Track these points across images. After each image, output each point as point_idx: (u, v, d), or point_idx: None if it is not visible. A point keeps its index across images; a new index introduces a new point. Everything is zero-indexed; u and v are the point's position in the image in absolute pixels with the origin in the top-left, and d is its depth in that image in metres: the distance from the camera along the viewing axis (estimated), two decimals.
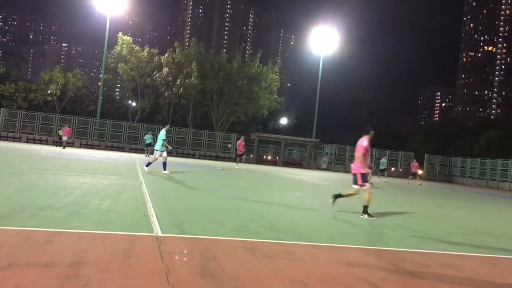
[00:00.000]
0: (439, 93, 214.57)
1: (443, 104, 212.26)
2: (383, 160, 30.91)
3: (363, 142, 8.68)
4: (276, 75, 54.85)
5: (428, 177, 49.05)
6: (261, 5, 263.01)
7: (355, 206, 9.57)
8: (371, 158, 49.89)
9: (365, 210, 8.63)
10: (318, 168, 46.40)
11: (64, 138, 34.11)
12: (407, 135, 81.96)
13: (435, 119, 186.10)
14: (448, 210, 13.61)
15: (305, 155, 49.79)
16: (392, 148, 52.92)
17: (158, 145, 15.28)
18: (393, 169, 51.64)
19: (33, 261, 3.63)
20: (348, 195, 8.94)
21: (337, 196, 8.92)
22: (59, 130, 42.51)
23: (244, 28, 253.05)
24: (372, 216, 8.47)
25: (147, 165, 15.23)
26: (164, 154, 15.21)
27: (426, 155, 51.95)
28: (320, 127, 54.71)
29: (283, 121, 78.02)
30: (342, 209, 9.29)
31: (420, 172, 51.73)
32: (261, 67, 53.48)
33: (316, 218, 8.22)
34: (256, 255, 4.63)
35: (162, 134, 15.24)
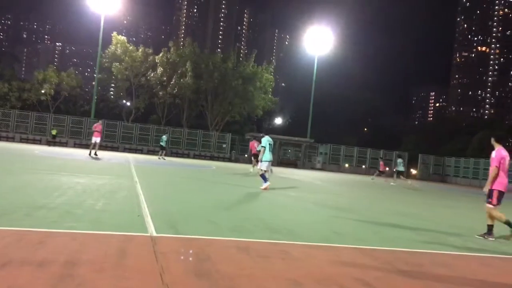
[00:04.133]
0: (433, 93, 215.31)
1: (437, 104, 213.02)
2: (400, 161, 29.14)
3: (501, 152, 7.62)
4: (271, 75, 54.94)
5: (422, 177, 49.25)
6: (256, 5, 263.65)
7: (349, 206, 9.60)
8: (367, 159, 49.82)
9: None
10: (313, 168, 46.48)
11: (96, 139, 22.89)
12: (401, 135, 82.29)
13: (429, 119, 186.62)
14: (442, 209, 13.68)
15: (300, 155, 49.85)
16: (386, 148, 53.08)
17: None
18: (387, 168, 51.76)
19: (26, 261, 3.61)
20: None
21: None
22: (52, 129, 42.37)
23: (239, 28, 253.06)
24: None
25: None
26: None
27: (420, 155, 52.16)
28: (315, 127, 54.78)
29: (278, 121, 78.10)
30: (336, 209, 9.31)
31: (414, 172, 51.98)
32: (256, 67, 53.55)
33: (311, 218, 8.23)
34: (250, 255, 4.63)
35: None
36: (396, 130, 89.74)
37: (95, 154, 22.93)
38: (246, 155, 48.58)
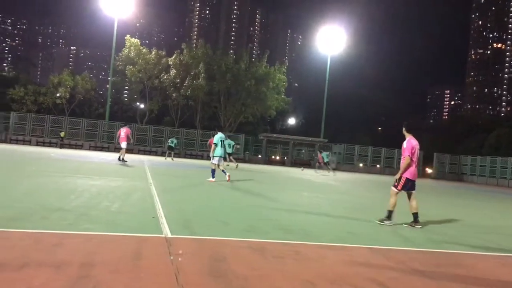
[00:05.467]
0: (448, 91, 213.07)
1: (452, 102, 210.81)
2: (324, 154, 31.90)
3: None
4: (284, 75, 54.82)
5: (437, 176, 48.72)
6: (268, 5, 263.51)
7: (363, 206, 9.54)
8: (381, 157, 49.47)
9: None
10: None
11: (123, 144, 21.95)
12: (416, 133, 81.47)
13: (444, 117, 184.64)
14: (458, 208, 13.53)
15: (314, 155, 49.70)
16: (400, 147, 52.63)
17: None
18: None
19: (44, 263, 3.67)
20: None
21: None
22: (60, 131, 42.93)
23: (251, 28, 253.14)
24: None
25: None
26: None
27: (435, 153, 51.60)
28: (328, 126, 54.60)
29: (291, 121, 77.90)
30: (350, 209, 9.27)
31: (429, 171, 51.47)
32: (268, 67, 53.49)
33: (324, 218, 8.20)
34: (264, 256, 4.63)
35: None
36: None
37: (122, 159, 22.20)
38: (259, 156, 48.62)
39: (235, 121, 54.70)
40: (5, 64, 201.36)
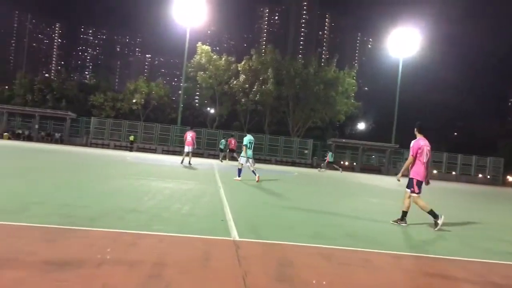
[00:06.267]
0: None
1: None
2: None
3: None
4: (353, 79, 53.92)
5: None
6: (338, 9, 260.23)
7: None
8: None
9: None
10: (398, 174, 44.76)
11: (190, 148, 23.66)
12: (496, 139, 76.75)
13: None
14: None
15: (384, 161, 48.33)
16: (479, 153, 49.84)
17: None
18: (480, 175, 48.69)
19: (120, 261, 3.86)
20: None
21: None
22: (129, 135, 44.99)
23: (320, 33, 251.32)
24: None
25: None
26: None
27: None
28: (400, 131, 52.84)
29: (361, 126, 76.27)
30: (422, 218, 8.89)
31: (511, 179, 48.23)
32: (337, 71, 52.85)
33: (395, 226, 7.93)
34: (332, 262, 4.57)
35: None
36: (490, 134, 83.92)
37: (189, 163, 22.99)
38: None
39: (303, 125, 54.52)
40: (86, 73, 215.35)
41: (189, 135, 22.85)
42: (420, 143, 7.89)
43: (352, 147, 49.07)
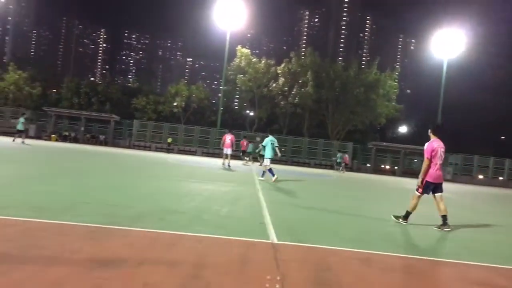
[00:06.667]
0: None
1: None
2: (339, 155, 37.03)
3: None
4: (395, 81, 52.91)
5: None
6: (379, 11, 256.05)
7: (482, 222, 8.81)
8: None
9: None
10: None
11: (229, 150, 23.84)
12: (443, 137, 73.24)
13: None
14: None
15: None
16: None
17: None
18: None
19: (160, 260, 3.93)
20: None
21: None
22: (168, 138, 45.83)
23: (361, 35, 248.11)
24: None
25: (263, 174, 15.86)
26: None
27: None
28: (444, 135, 51.40)
29: (402, 129, 74.75)
30: (466, 224, 8.62)
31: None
32: (378, 74, 52.00)
33: (437, 233, 7.71)
34: (371, 267, 4.49)
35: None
36: None
37: (228, 165, 23.12)
38: (368, 165, 47.24)
39: (343, 129, 53.94)
40: (130, 76, 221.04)
41: (228, 138, 22.98)
42: (433, 145, 7.88)
43: (393, 151, 48.11)
